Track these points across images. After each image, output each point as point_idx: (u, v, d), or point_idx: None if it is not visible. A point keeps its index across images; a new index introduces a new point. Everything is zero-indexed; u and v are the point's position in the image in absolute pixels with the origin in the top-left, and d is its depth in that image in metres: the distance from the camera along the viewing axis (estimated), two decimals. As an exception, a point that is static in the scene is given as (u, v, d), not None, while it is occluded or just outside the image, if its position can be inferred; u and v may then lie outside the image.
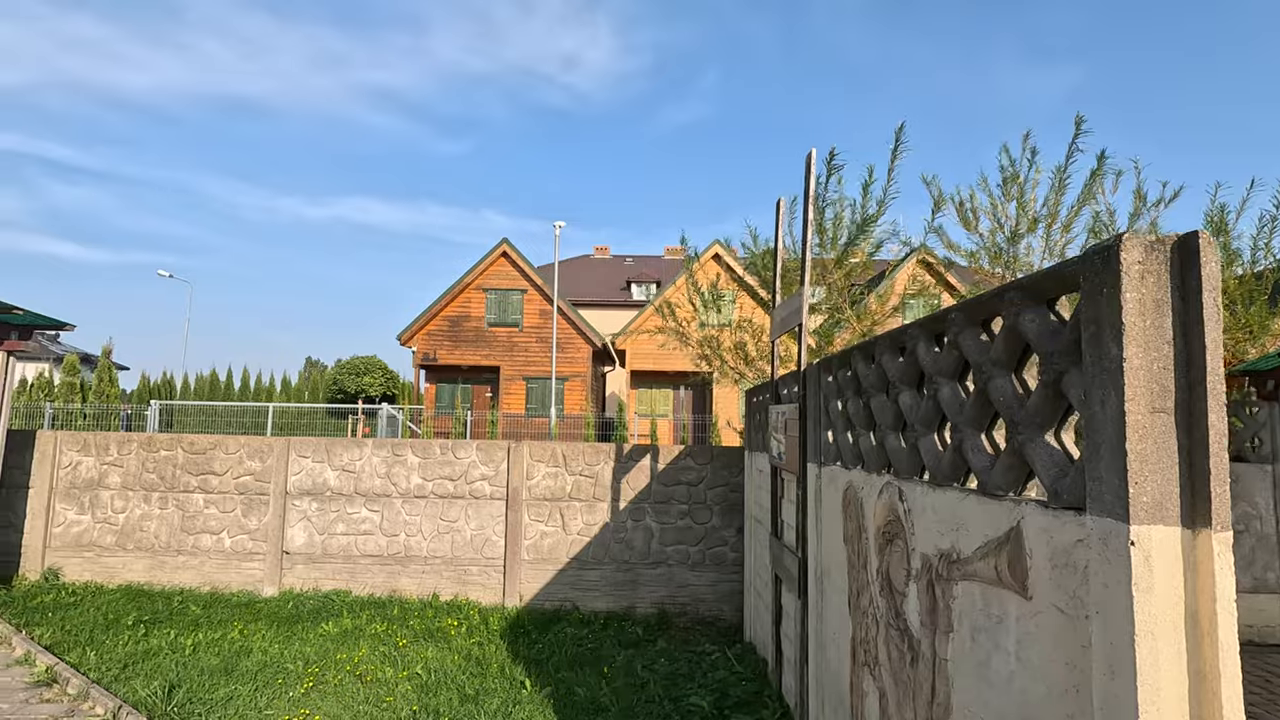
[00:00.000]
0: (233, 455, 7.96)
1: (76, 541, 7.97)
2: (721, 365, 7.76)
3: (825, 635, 4.05)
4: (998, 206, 7.30)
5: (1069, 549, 1.75)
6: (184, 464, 7.97)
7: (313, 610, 7.27)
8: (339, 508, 7.83)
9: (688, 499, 7.69)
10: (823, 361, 4.23)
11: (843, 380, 3.83)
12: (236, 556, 7.83)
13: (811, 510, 4.30)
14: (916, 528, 2.73)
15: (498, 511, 7.76)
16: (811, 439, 4.35)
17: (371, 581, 7.72)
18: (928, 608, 2.59)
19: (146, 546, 7.88)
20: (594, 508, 7.71)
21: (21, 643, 5.84)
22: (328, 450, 7.91)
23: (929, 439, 2.69)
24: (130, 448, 8.03)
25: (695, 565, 7.63)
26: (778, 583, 5.43)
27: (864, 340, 3.42)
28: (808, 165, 4.75)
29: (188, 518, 7.90)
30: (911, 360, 2.86)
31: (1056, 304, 1.98)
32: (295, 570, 7.79)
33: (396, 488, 7.83)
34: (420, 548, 7.75)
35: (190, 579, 7.82)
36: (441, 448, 7.85)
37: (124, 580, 7.86)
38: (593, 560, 7.67)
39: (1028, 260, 7.19)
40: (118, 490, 7.99)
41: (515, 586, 7.63)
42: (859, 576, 3.43)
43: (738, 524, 7.63)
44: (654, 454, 7.75)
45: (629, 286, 39.29)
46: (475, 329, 25.32)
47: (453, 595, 7.69)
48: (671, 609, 7.59)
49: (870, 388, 3.34)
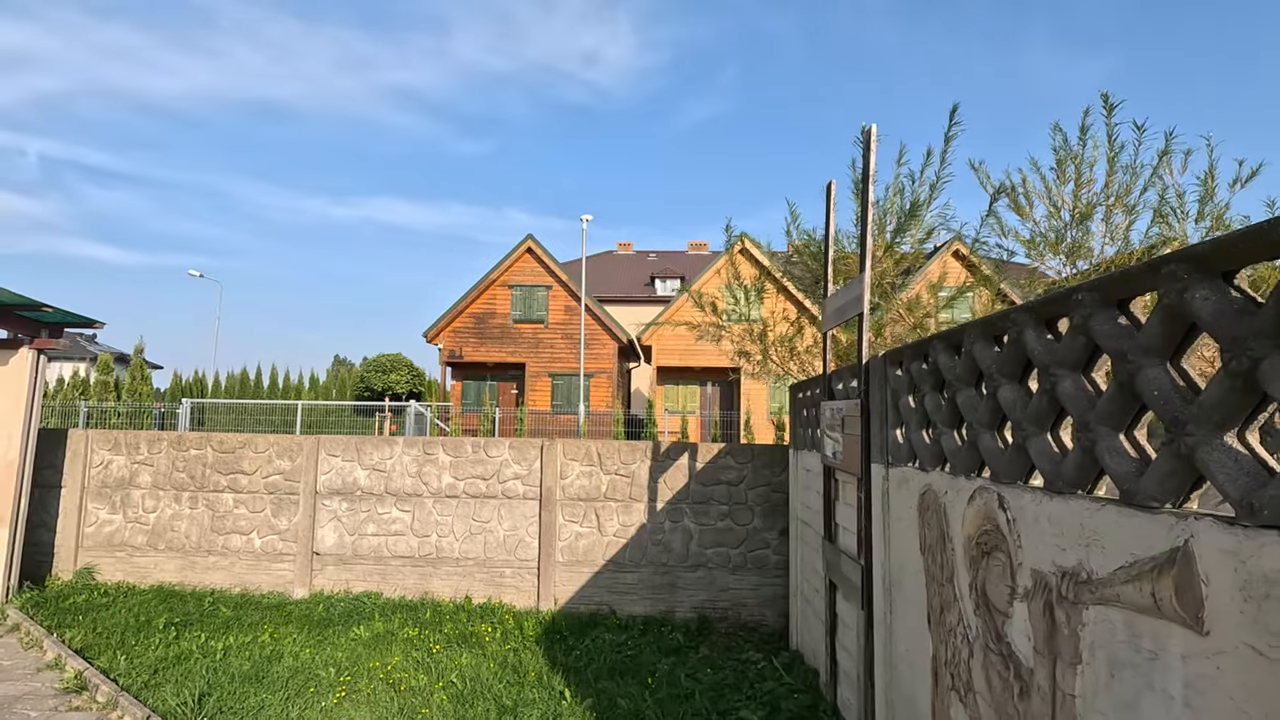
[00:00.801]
0: (262, 454, 7.82)
1: (108, 541, 7.90)
2: (764, 360, 7.41)
3: (895, 652, 3.72)
4: (1052, 190, 6.86)
5: (1274, 578, 1.41)
6: (214, 463, 7.85)
7: (344, 613, 7.09)
8: (369, 508, 7.65)
9: (728, 499, 7.38)
10: (890, 353, 3.89)
11: (918, 373, 3.49)
12: (266, 557, 7.69)
13: (878, 515, 3.97)
14: (1025, 540, 2.40)
15: (531, 512, 7.52)
16: (877, 438, 4.02)
17: (403, 583, 7.53)
18: (1044, 633, 2.25)
19: (177, 547, 7.78)
20: (630, 508, 7.43)
21: (53, 646, 5.73)
22: (358, 449, 7.73)
23: (1041, 439, 2.35)
24: (160, 446, 7.94)
25: (736, 568, 7.31)
26: (832, 590, 5.10)
27: (949, 329, 3.08)
28: (866, 142, 4.40)
29: (218, 517, 7.79)
30: (1015, 350, 2.52)
31: (1235, 277, 1.64)
32: (326, 571, 7.63)
33: (428, 487, 7.62)
34: (452, 549, 7.54)
35: (221, 580, 7.70)
36: (474, 446, 7.63)
37: (155, 580, 7.76)
38: (629, 563, 7.39)
39: (1086, 244, 6.74)
40: (148, 489, 7.90)
41: (549, 589, 7.39)
42: (943, 590, 3.09)
43: (780, 525, 7.30)
44: (692, 452, 7.44)
45: (653, 282, 38.98)
46: (501, 326, 25.20)
47: (485, 598, 7.47)
48: (712, 614, 7.29)
49: (956, 381, 3.00)
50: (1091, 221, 6.50)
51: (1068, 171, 6.63)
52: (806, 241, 6.97)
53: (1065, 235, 6.57)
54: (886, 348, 6.92)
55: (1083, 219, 6.20)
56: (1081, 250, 6.35)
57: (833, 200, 5.42)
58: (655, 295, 37.52)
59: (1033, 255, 7.04)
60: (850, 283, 4.64)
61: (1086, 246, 6.67)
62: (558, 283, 25.36)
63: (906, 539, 3.59)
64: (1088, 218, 6.43)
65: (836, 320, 4.97)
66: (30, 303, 6.98)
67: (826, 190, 5.49)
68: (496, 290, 25.40)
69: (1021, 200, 6.96)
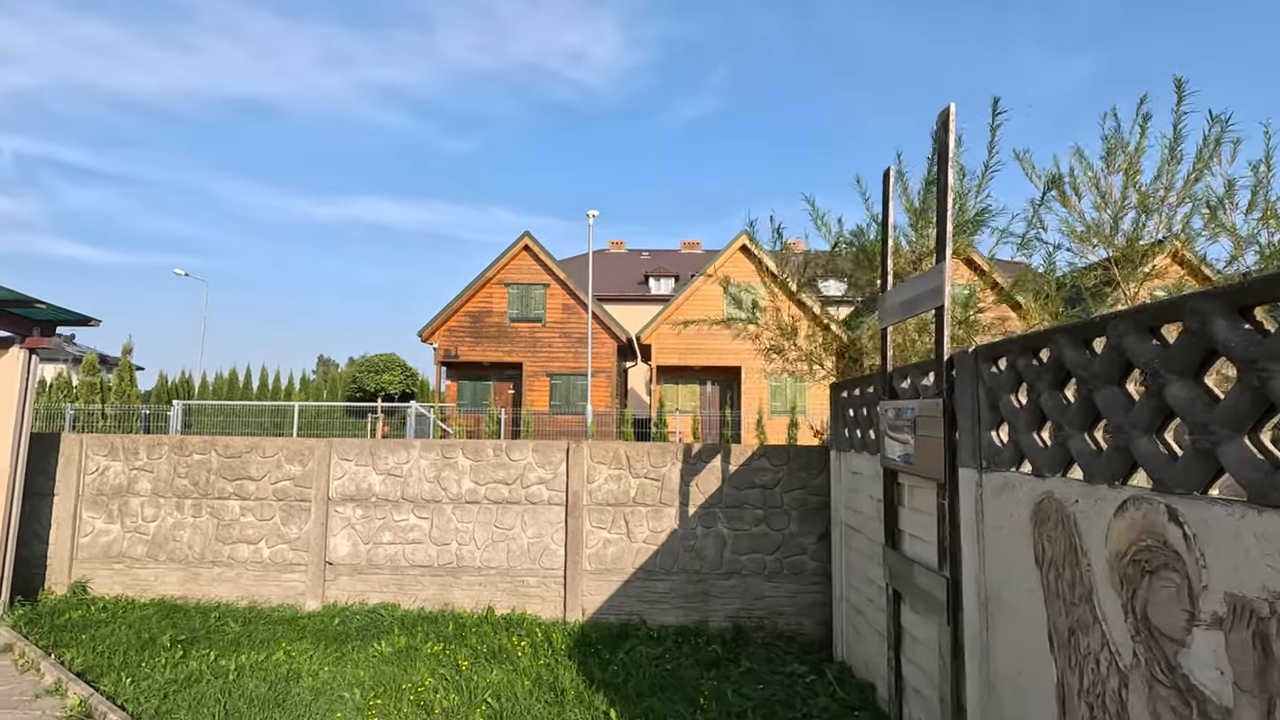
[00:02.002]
0: (270, 459, 7.40)
1: (105, 552, 7.44)
2: (803, 358, 7.10)
3: (996, 673, 3.42)
4: (1099, 180, 6.61)
5: None
6: (218, 468, 7.43)
7: (361, 627, 6.70)
8: (385, 514, 7.26)
9: (762, 503, 7.07)
10: (986, 348, 3.59)
11: (1028, 370, 3.19)
12: (276, 568, 7.28)
13: (968, 524, 3.66)
14: (1212, 559, 2.10)
15: (556, 518, 7.17)
16: (967, 439, 3.72)
17: (421, 594, 7.15)
18: (1254, 668, 1.95)
19: (180, 557, 7.34)
20: (660, 513, 7.10)
21: (51, 668, 5.31)
22: (372, 453, 7.33)
23: (1237, 445, 2.05)
24: (161, 451, 7.49)
25: (772, 575, 7.01)
26: (897, 600, 4.80)
27: (1076, 321, 2.78)
28: (944, 123, 4.10)
29: (223, 526, 7.36)
30: (1193, 342, 2.21)
31: None
32: (339, 582, 7.23)
33: (447, 493, 7.25)
34: (473, 557, 7.17)
35: (227, 592, 7.28)
36: (495, 449, 7.26)
37: (156, 594, 7.32)
38: (660, 570, 7.06)
39: (1134, 234, 6.50)
40: (148, 497, 7.45)
41: (577, 599, 7.04)
42: (1073, 610, 2.79)
43: (818, 530, 7.00)
44: (724, 454, 7.12)
45: (647, 281, 38.67)
46: (497, 325, 24.78)
47: (509, 608, 7.10)
48: (747, 623, 6.97)
49: (1093, 378, 2.70)
50: (1141, 210, 6.26)
51: (1117, 161, 6.39)
52: (856, 233, 6.65)
53: (1118, 226, 6.32)
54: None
55: (1145, 210, 5.94)
56: (1137, 244, 6.10)
57: (891, 188, 5.12)
58: (650, 294, 37.21)
59: (1080, 248, 6.79)
60: (923, 274, 4.34)
61: (1134, 235, 6.43)
62: (555, 281, 24.97)
63: (1010, 551, 3.29)
64: (1141, 207, 6.18)
65: (904, 314, 4.67)
66: (22, 299, 6.53)
67: (885, 177, 5.19)
68: (493, 288, 24.97)
69: (1068, 190, 6.71)
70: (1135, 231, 6.39)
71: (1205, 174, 6.34)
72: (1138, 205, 6.22)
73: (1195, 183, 6.30)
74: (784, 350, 7.36)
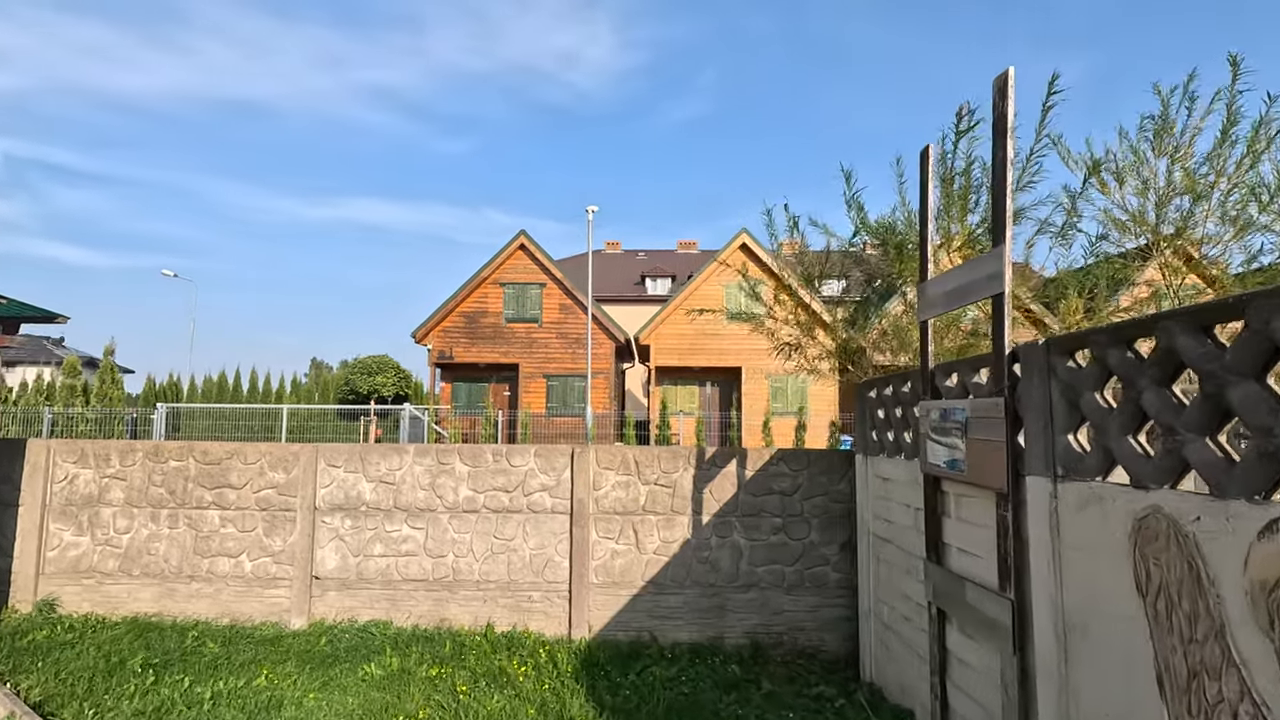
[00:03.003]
0: (252, 465, 6.90)
1: (74, 567, 6.92)
2: (824, 355, 6.65)
3: (1081, 713, 2.97)
4: (1143, 164, 6.19)
5: None
6: (197, 476, 6.92)
7: (350, 647, 6.21)
8: (376, 525, 6.77)
9: (781, 511, 6.61)
10: (1063, 339, 3.14)
11: (1123, 363, 2.74)
12: (258, 582, 6.77)
13: (1041, 540, 3.21)
14: None
15: (560, 527, 6.69)
16: (1036, 443, 3.27)
17: (416, 610, 6.66)
18: None
19: (155, 572, 6.82)
20: (672, 522, 6.64)
21: (5, 700, 4.80)
22: (362, 458, 6.84)
23: None
24: (135, 458, 6.98)
25: (792, 588, 6.55)
26: (941, 620, 4.35)
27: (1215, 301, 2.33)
28: (1002, 88, 3.66)
29: (201, 538, 6.85)
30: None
31: None
32: (327, 598, 6.73)
33: (443, 501, 6.76)
34: (471, 570, 6.68)
35: (205, 609, 6.77)
36: (494, 454, 6.78)
37: (129, 611, 6.81)
38: (672, 583, 6.59)
39: (1177, 220, 6.08)
40: (121, 507, 6.94)
41: (583, 615, 6.56)
42: (1194, 650, 2.34)
43: (840, 540, 6.55)
44: (740, 459, 6.67)
45: (643, 281, 38.21)
46: (493, 325, 24.26)
47: (510, 625, 6.62)
48: (765, 639, 6.51)
49: (1224, 372, 2.25)
50: (1190, 197, 5.83)
51: (1165, 144, 5.96)
52: (889, 220, 6.19)
53: (1165, 213, 5.89)
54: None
55: (1198, 197, 5.51)
56: (1187, 233, 5.67)
57: (931, 168, 4.68)
58: (647, 295, 36.75)
59: (1119, 238, 6.37)
60: (976, 258, 3.89)
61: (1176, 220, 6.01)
62: (552, 280, 24.47)
63: (1099, 574, 2.85)
64: (1190, 193, 5.75)
65: (950, 305, 4.22)
66: (-20, 293, 6.02)
67: (922, 157, 4.74)
68: (488, 288, 24.46)
69: (1106, 177, 6.28)
70: (1183, 218, 5.97)
71: (1254, 160, 5.92)
72: (1186, 190, 5.80)
73: (1247, 169, 5.87)
74: (802, 347, 6.90)
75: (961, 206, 5.86)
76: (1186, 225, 5.89)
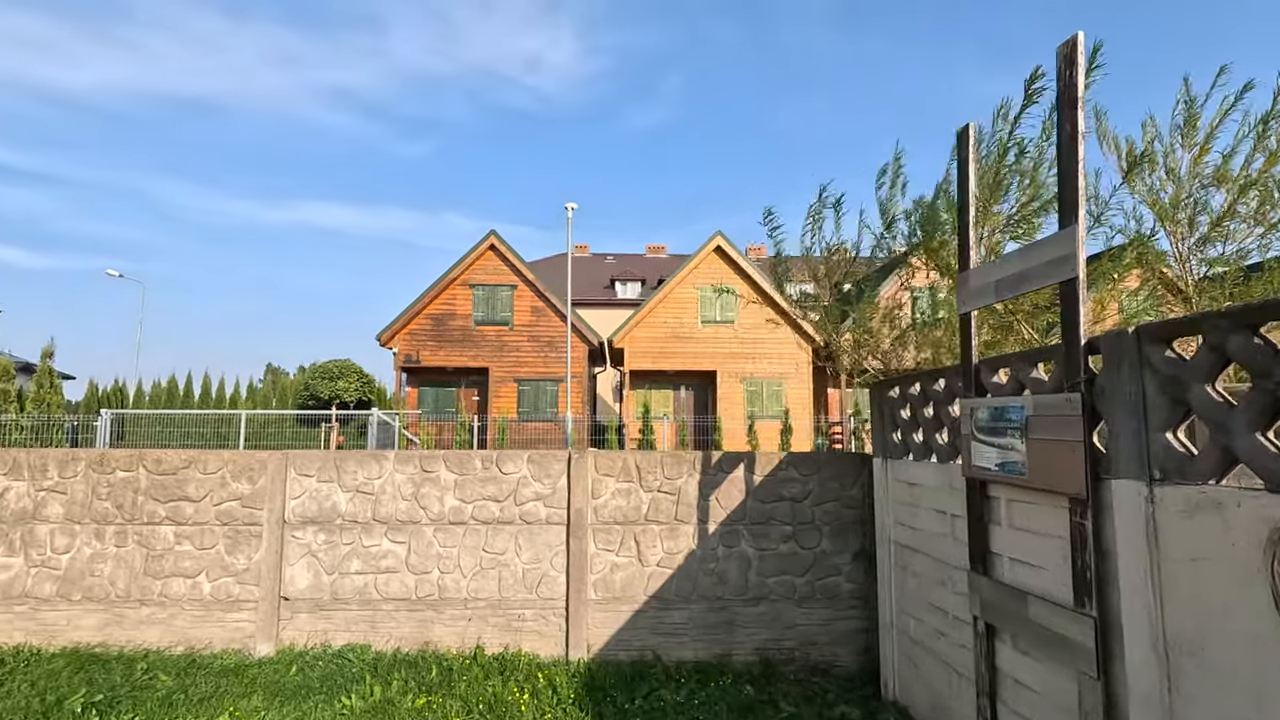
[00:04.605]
0: (213, 475, 6.24)
1: (4, 592, 6.15)
2: (853, 354, 6.29)
3: (1191, 747, 2.63)
4: (1169, 154, 6.02)
5: None
6: (148, 488, 6.22)
7: (324, 675, 5.61)
8: (353, 539, 6.18)
9: (791, 518, 6.24)
10: (1158, 326, 2.82)
11: (1252, 351, 2.42)
12: (219, 605, 6.11)
13: (1133, 551, 2.88)
14: None
15: (556, 539, 6.20)
16: (1126, 444, 2.94)
17: (397, 632, 6.09)
18: None
19: (99, 596, 6.10)
20: (676, 532, 6.21)
21: (-83, 753, 4.10)
22: (337, 466, 6.24)
23: None
24: (76, 469, 6.25)
25: (803, 600, 6.18)
26: (990, 636, 4.01)
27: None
28: (1069, 54, 3.35)
29: (154, 557, 6.16)
30: None
31: None
32: (297, 621, 6.10)
33: (427, 512, 6.21)
34: (458, 587, 6.14)
35: (158, 636, 6.07)
36: (484, 461, 6.26)
37: (69, 641, 6.07)
38: (677, 598, 6.16)
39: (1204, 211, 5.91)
40: (60, 524, 6.19)
41: (581, 634, 6.08)
42: (1368, 679, 2.01)
43: (854, 548, 6.21)
44: (748, 464, 6.28)
45: (613, 285, 37.79)
46: (462, 328, 23.52)
47: (501, 647, 6.10)
48: (776, 656, 6.13)
49: None
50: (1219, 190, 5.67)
51: (1194, 136, 5.78)
52: (918, 205, 5.87)
53: (1185, 212, 5.71)
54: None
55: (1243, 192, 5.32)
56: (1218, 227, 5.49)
57: (971, 149, 4.36)
58: (617, 298, 36.32)
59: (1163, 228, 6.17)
60: (1038, 242, 3.58)
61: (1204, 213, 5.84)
62: (524, 282, 23.86)
63: (1215, 589, 2.52)
64: (1219, 186, 5.58)
65: (1001, 294, 3.90)
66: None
67: (960, 137, 4.43)
68: (457, 290, 23.71)
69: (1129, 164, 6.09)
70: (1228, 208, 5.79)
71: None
72: (1215, 181, 5.63)
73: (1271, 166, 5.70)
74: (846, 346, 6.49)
75: (994, 191, 5.57)
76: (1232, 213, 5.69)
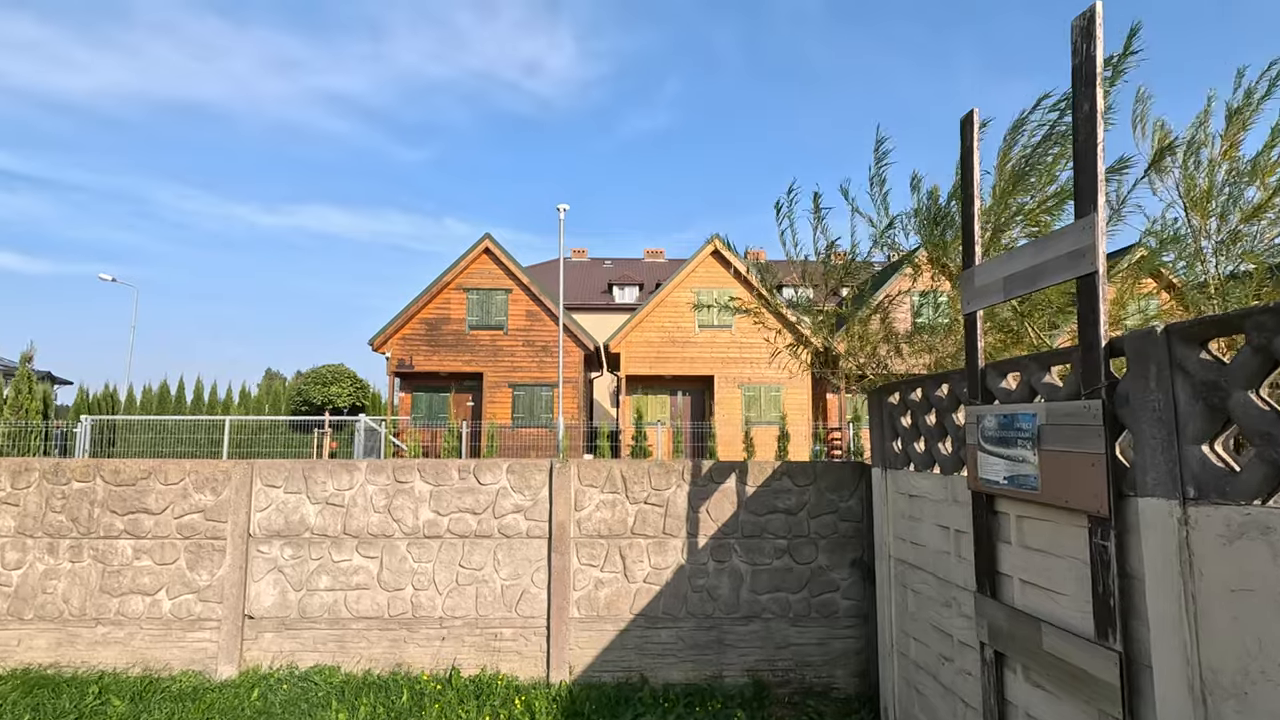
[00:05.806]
0: (174, 486, 5.91)
1: (-48, 610, 5.81)
2: (857, 361, 5.97)
3: (1235, 805, 2.30)
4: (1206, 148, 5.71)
5: None
6: (105, 499, 5.89)
7: (288, 700, 5.27)
8: (322, 554, 5.84)
9: (786, 531, 5.91)
10: (1189, 325, 2.50)
11: (1306, 352, 2.10)
12: (179, 624, 5.77)
13: (1164, 578, 2.55)
14: None
15: (537, 554, 5.86)
16: (1155, 457, 2.61)
17: (368, 653, 5.74)
18: None
19: (51, 615, 5.76)
20: (664, 546, 5.87)
21: None
22: (305, 476, 5.91)
23: None
24: (29, 479, 5.91)
25: (798, 618, 5.84)
26: (998, 664, 3.68)
27: None
28: (1087, 28, 3.05)
29: (110, 573, 5.82)
30: None
31: None
32: (262, 640, 5.76)
33: (400, 525, 5.87)
34: (434, 605, 5.80)
35: (113, 657, 5.73)
36: (460, 470, 5.93)
37: (19, 662, 5.72)
38: (665, 616, 5.82)
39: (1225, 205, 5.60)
40: (11, 538, 5.86)
41: (563, 654, 5.74)
42: None
43: (850, 561, 5.87)
44: (740, 474, 5.95)
45: (611, 289, 37.51)
46: (456, 332, 23.21)
47: (479, 668, 5.75)
48: (769, 677, 5.79)
49: None
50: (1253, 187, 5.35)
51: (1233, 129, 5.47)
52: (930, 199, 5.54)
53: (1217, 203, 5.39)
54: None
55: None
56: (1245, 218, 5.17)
57: (975, 137, 4.05)
58: (614, 303, 36.03)
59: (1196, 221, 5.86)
60: (1053, 234, 3.26)
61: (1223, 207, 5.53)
62: (519, 286, 23.57)
63: (1265, 623, 2.19)
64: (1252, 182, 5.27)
65: (1011, 292, 3.58)
66: None
67: (963, 125, 4.12)
68: (451, 294, 23.40)
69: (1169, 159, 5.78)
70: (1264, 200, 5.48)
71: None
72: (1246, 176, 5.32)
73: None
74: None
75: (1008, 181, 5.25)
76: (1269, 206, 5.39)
